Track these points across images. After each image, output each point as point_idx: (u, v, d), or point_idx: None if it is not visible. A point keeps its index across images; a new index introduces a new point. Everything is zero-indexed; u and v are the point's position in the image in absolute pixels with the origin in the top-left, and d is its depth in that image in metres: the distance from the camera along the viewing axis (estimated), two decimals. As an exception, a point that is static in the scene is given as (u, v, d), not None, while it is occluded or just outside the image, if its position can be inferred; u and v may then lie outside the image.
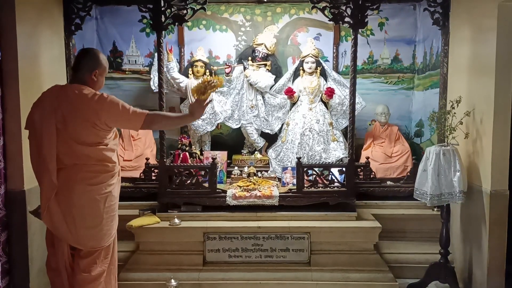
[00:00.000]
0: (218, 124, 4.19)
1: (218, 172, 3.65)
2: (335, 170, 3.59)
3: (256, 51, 4.13)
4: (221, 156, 3.94)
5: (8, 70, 2.88)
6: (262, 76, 4.09)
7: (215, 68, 4.20)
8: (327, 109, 4.13)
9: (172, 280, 3.10)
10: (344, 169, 3.55)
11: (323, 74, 4.14)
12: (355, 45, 3.39)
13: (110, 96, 2.27)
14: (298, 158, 3.56)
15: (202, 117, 4.06)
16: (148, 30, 4.37)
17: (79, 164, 2.24)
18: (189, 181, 3.54)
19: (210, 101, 2.52)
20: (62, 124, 2.20)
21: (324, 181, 3.58)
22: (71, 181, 2.24)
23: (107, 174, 2.32)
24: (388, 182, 3.91)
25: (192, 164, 3.74)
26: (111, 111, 2.24)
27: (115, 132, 2.42)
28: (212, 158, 3.59)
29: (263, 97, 4.22)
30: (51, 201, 2.23)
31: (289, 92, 4.03)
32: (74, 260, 2.37)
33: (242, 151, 4.34)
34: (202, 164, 3.75)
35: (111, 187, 2.34)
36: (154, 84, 4.00)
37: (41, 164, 2.22)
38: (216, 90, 2.59)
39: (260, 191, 3.50)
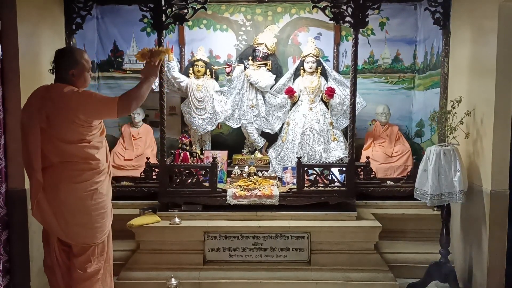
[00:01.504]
0: (218, 123, 4.19)
1: (218, 172, 3.65)
2: (335, 170, 3.59)
3: (256, 50, 4.13)
4: (222, 155, 3.94)
5: (9, 69, 2.90)
6: (262, 76, 4.09)
7: (215, 67, 4.20)
8: (328, 109, 4.12)
9: (173, 279, 3.11)
10: (344, 168, 3.55)
11: (324, 73, 4.14)
12: (355, 44, 3.38)
13: (84, 90, 2.32)
14: (299, 158, 3.56)
15: (203, 116, 4.12)
16: (149, 29, 4.37)
17: (64, 162, 2.28)
18: (189, 181, 3.54)
19: (160, 62, 2.46)
20: (46, 123, 2.25)
21: (324, 180, 3.58)
22: (57, 179, 2.29)
23: (92, 171, 2.34)
24: (389, 182, 3.91)
25: (192, 164, 3.75)
26: (87, 102, 2.26)
27: (101, 128, 2.44)
28: (213, 157, 3.59)
29: (263, 96, 4.22)
30: (41, 199, 2.28)
31: (290, 92, 4.03)
32: (70, 258, 2.39)
33: (242, 150, 4.34)
34: (202, 164, 3.75)
35: (97, 185, 2.36)
36: (154, 83, 3.99)
37: (28, 162, 2.28)
38: (164, 57, 2.50)
39: (260, 190, 3.50)
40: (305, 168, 3.56)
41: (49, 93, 2.29)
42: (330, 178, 3.56)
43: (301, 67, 4.14)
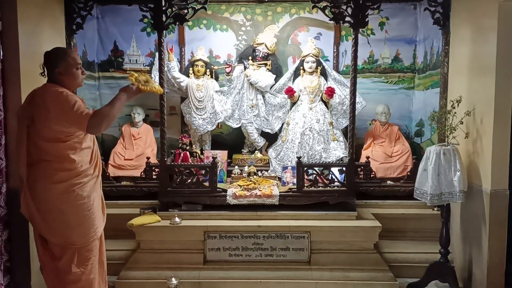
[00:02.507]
0: (218, 123, 4.19)
1: (218, 171, 3.66)
2: (335, 170, 3.59)
3: (256, 50, 4.13)
4: (222, 155, 3.95)
5: (10, 69, 2.90)
6: (262, 76, 4.09)
7: (215, 67, 4.21)
8: (327, 109, 4.13)
9: (173, 279, 3.11)
10: (344, 168, 3.56)
11: (324, 73, 4.14)
12: (355, 44, 3.39)
13: (68, 95, 2.28)
14: (298, 158, 3.57)
15: (203, 116, 4.12)
16: (149, 29, 4.38)
17: (42, 160, 2.31)
18: (189, 180, 3.55)
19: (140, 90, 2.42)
20: (31, 121, 2.30)
21: (324, 180, 3.59)
22: (36, 177, 2.32)
23: (68, 172, 2.31)
24: (388, 182, 3.92)
25: (192, 163, 3.75)
26: (62, 107, 2.24)
27: None
28: (213, 157, 3.60)
29: (263, 96, 4.23)
30: (27, 195, 2.32)
31: (290, 92, 4.04)
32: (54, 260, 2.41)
33: (242, 150, 4.34)
34: (202, 163, 3.75)
35: (76, 186, 2.33)
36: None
37: (15, 157, 2.40)
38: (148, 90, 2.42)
39: (260, 190, 3.51)
40: (305, 168, 3.56)
41: (36, 92, 2.35)
42: (330, 178, 3.56)
43: (301, 67, 4.14)
